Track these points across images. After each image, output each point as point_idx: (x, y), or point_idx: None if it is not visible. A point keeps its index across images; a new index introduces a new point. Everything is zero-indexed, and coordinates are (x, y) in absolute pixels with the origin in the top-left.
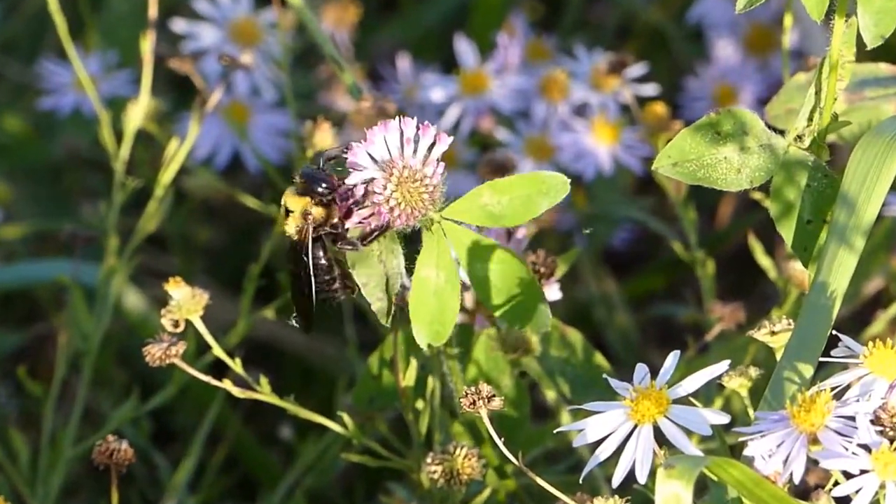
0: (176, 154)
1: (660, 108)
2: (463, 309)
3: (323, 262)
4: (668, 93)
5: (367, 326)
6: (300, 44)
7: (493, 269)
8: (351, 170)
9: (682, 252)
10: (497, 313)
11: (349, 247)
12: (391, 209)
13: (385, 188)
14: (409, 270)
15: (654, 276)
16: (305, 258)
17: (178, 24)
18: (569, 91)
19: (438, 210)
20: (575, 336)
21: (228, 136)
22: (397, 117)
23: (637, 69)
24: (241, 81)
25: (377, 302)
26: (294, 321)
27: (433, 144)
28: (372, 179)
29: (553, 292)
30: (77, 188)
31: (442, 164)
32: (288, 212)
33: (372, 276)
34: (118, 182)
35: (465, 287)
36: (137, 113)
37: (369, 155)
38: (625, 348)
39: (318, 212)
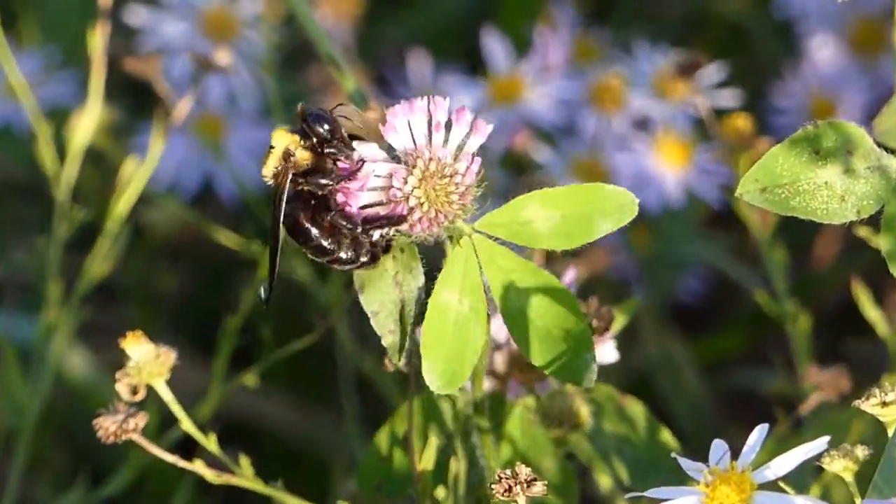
0: (133, 178)
1: (741, 122)
2: (492, 373)
3: (308, 225)
4: (751, 102)
5: (371, 395)
6: (288, 39)
7: (534, 302)
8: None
9: (769, 303)
10: (535, 360)
11: (344, 222)
12: (411, 209)
13: (405, 182)
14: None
15: (733, 333)
16: (276, 212)
17: (136, 14)
18: (626, 100)
19: (470, 219)
20: (635, 408)
21: (199, 157)
22: (425, 98)
23: (712, 72)
24: (214, 87)
25: (388, 335)
26: (262, 291)
27: (468, 134)
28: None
29: (608, 352)
30: (8, 221)
31: (478, 159)
32: (271, 148)
33: (385, 302)
34: (60, 214)
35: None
36: (85, 126)
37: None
38: (697, 423)
39: (302, 156)
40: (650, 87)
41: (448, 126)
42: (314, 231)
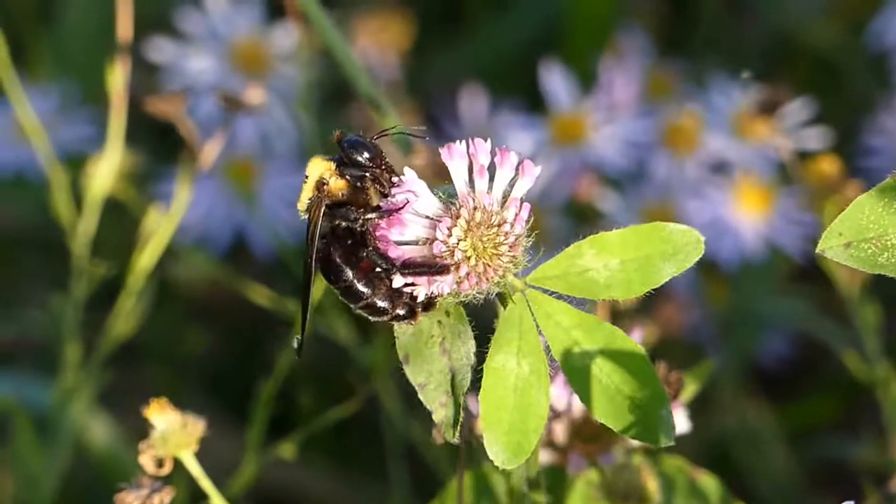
0: (157, 230)
1: (827, 165)
2: (552, 444)
3: (341, 263)
4: (841, 142)
5: (420, 465)
6: (327, 74)
7: (599, 359)
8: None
9: (858, 367)
10: (605, 422)
11: (381, 261)
12: (457, 265)
13: (449, 235)
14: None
15: (820, 400)
16: (308, 249)
17: (159, 48)
18: (701, 141)
19: (522, 272)
20: (709, 482)
21: (229, 206)
22: (464, 140)
23: (796, 109)
24: (246, 128)
25: (440, 409)
26: (295, 340)
27: (515, 177)
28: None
29: (679, 422)
30: (20, 276)
31: (527, 205)
32: (306, 178)
33: (432, 372)
34: (78, 269)
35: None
36: (104, 172)
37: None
38: (779, 497)
39: (336, 185)
40: (728, 126)
41: (491, 170)
42: (347, 271)
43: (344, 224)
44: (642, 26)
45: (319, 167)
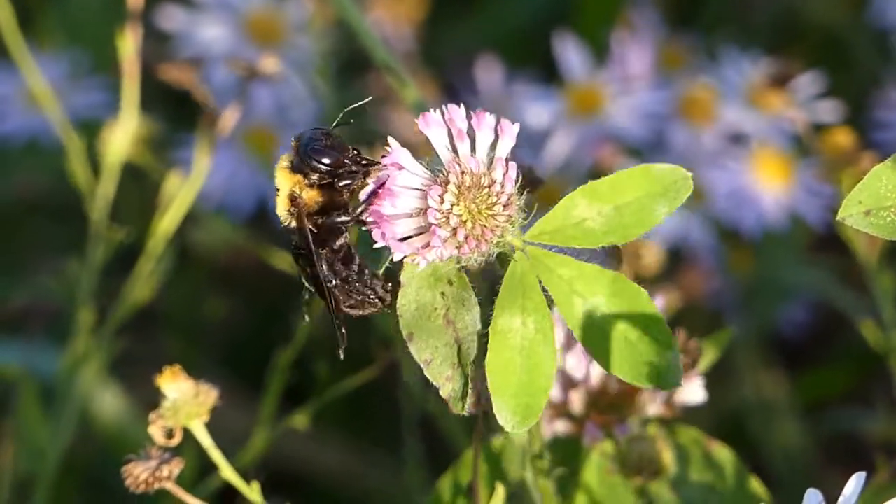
0: (176, 196)
1: (842, 136)
2: (567, 414)
3: (329, 261)
4: (854, 114)
5: (436, 436)
6: (345, 44)
7: (603, 306)
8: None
9: (874, 336)
10: (614, 369)
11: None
12: (454, 230)
13: (442, 201)
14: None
15: (837, 369)
16: (310, 257)
17: (171, 16)
18: (717, 112)
19: (519, 231)
20: (723, 454)
21: (250, 172)
22: (437, 108)
23: (808, 82)
24: (263, 96)
25: (447, 383)
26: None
27: (495, 139)
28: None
29: (695, 392)
30: (32, 243)
31: (514, 164)
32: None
33: (438, 346)
34: (94, 235)
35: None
36: (120, 138)
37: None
38: (791, 470)
39: (310, 197)
40: (742, 98)
41: (471, 135)
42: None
43: (329, 223)
44: (653, 1)
45: (288, 180)
